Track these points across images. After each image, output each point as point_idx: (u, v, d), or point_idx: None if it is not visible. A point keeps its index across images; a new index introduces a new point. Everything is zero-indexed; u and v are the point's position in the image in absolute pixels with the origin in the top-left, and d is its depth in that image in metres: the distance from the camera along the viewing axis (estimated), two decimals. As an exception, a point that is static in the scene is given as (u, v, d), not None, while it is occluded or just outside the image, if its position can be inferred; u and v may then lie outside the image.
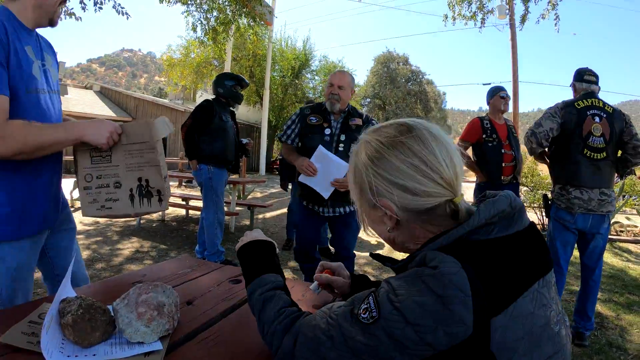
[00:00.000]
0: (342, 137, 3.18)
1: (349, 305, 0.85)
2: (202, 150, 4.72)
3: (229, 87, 4.88)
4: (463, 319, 0.69)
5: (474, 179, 4.45)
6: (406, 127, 0.92)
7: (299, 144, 3.35)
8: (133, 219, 6.60)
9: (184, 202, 7.95)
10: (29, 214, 1.61)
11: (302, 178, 3.17)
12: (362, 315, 0.78)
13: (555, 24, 13.52)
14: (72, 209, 1.92)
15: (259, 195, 11.20)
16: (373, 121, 3.22)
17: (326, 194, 3.09)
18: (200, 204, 5.56)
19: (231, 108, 5.05)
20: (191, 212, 8.07)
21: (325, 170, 3.05)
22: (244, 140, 5.32)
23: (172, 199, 7.87)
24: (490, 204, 0.85)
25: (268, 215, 8.95)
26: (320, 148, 3.05)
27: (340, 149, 3.14)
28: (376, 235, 1.02)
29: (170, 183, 1.67)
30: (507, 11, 15.29)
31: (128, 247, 5.63)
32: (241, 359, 1.09)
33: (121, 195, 1.69)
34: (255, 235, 1.24)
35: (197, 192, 9.35)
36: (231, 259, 5.19)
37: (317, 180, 3.09)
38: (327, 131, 3.20)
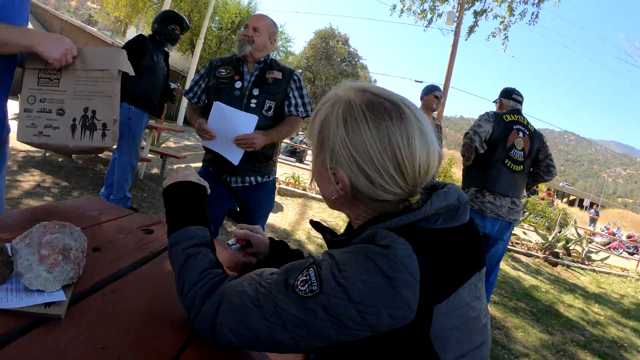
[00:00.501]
0: (255, 92, 2.61)
1: (283, 275, 0.80)
2: (126, 88, 4.29)
3: (167, 26, 4.52)
4: (409, 303, 0.68)
5: None
6: (399, 111, 0.83)
7: (206, 101, 2.81)
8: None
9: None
10: None
11: (205, 142, 2.65)
12: (299, 287, 0.74)
13: (503, 43, 14.31)
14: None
15: (172, 145, 10.71)
16: (296, 75, 2.74)
17: (236, 159, 2.55)
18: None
19: (165, 49, 4.69)
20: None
21: (229, 129, 2.50)
22: (173, 85, 4.94)
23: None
24: (442, 195, 0.84)
25: (178, 165, 8.60)
26: (217, 104, 2.52)
27: (252, 105, 2.59)
28: (317, 189, 0.97)
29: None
30: (456, 19, 15.83)
31: (28, 179, 5.06)
32: (153, 318, 0.99)
33: (62, 123, 1.54)
34: (187, 174, 1.12)
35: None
36: (137, 207, 4.89)
37: (221, 144, 2.56)
38: (238, 84, 2.63)
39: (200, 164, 2.88)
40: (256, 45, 2.62)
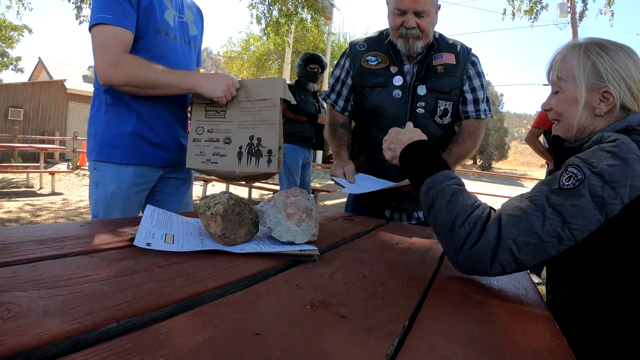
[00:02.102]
0: (421, 90, 1.85)
1: (543, 185, 0.93)
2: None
3: (306, 67, 4.89)
4: None
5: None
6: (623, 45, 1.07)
7: (351, 106, 2.07)
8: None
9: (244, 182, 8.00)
10: (137, 144, 1.67)
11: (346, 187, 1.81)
12: (566, 183, 0.88)
13: (611, 20, 12.92)
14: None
15: (317, 185, 11.19)
16: (474, 56, 1.94)
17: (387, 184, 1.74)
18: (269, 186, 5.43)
19: (310, 88, 5.01)
20: (255, 192, 8.12)
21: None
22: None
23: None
24: None
25: (329, 202, 8.93)
26: (362, 177, 1.84)
27: (419, 111, 1.86)
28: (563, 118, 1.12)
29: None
30: (569, 9, 14.60)
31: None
32: (390, 261, 1.04)
33: (229, 151, 1.64)
34: (411, 137, 1.21)
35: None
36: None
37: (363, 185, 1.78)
38: (398, 80, 1.87)
39: (345, 199, 2.22)
40: (426, 34, 1.80)
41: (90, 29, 1.53)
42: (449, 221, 0.95)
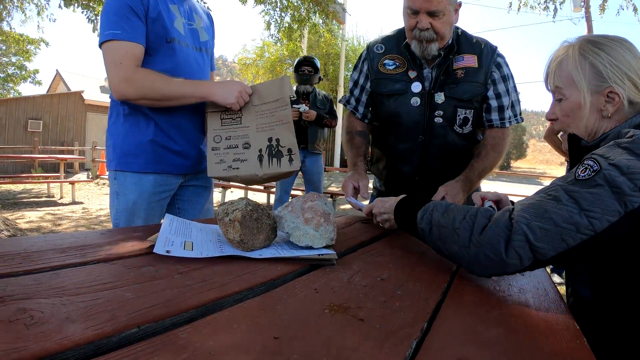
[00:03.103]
0: (439, 98, 1.74)
1: (559, 180, 0.90)
2: None
3: (298, 72, 4.90)
4: None
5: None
6: (616, 37, 1.05)
7: (370, 113, 1.99)
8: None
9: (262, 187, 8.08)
10: (158, 153, 1.69)
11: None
12: (581, 175, 0.86)
13: (635, 14, 12.63)
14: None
15: (335, 189, 11.19)
16: (499, 56, 1.79)
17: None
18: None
19: (304, 90, 4.95)
20: (273, 197, 8.12)
21: None
22: (301, 108, 4.73)
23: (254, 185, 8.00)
24: None
25: (346, 207, 8.91)
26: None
27: (437, 120, 1.75)
28: (570, 128, 1.10)
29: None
30: (582, 3, 14.39)
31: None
32: (412, 263, 1.03)
33: (249, 156, 1.64)
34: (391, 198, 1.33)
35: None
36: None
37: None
38: (416, 87, 1.76)
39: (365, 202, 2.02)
40: (442, 36, 1.67)
41: (100, 45, 1.55)
42: (449, 225, 0.95)
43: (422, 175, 1.81)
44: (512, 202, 1.38)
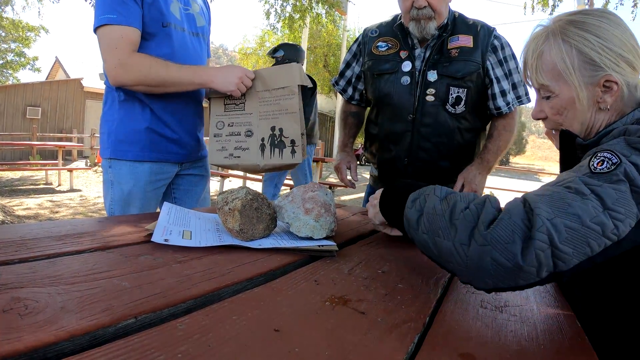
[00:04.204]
0: (431, 76, 1.72)
1: (571, 172, 0.76)
2: None
3: (276, 61, 4.79)
4: None
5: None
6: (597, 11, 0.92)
7: (364, 95, 2.01)
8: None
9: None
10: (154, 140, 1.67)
11: None
12: (599, 167, 0.72)
13: (633, 12, 12.50)
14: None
15: (333, 180, 11.20)
16: (497, 38, 1.77)
17: None
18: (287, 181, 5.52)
19: None
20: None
21: None
22: None
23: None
24: None
25: (346, 197, 8.93)
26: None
27: (429, 98, 1.73)
28: (564, 125, 0.95)
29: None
30: (587, 1, 14.30)
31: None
32: (407, 259, 1.01)
33: (251, 144, 1.60)
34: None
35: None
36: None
37: None
38: (407, 66, 1.76)
39: (362, 194, 2.27)
40: (440, 12, 1.69)
41: (95, 30, 1.51)
42: (446, 213, 0.73)
43: (413, 156, 1.78)
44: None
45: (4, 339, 0.44)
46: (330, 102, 23.72)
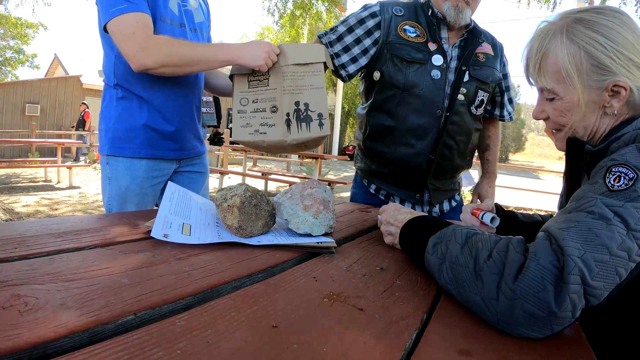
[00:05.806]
0: (466, 76, 1.70)
1: (585, 191, 0.74)
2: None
3: None
4: None
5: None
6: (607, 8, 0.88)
7: (372, 75, 1.77)
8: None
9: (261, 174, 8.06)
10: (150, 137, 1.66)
11: None
12: (616, 185, 0.70)
13: (637, 10, 12.46)
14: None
15: (333, 177, 11.20)
16: (502, 50, 1.86)
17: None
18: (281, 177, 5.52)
19: None
20: (271, 184, 8.16)
21: None
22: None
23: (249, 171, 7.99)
24: None
25: (345, 194, 8.92)
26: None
27: (460, 97, 1.70)
28: (573, 129, 0.93)
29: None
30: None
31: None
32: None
33: (277, 120, 1.53)
34: (407, 213, 1.05)
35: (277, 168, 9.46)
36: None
37: None
38: (437, 59, 1.67)
39: None
40: (473, 6, 1.69)
41: (105, 25, 1.48)
42: (470, 263, 0.70)
43: (438, 153, 1.74)
44: (498, 206, 1.24)
45: (4, 336, 0.44)
46: (331, 99, 23.69)
